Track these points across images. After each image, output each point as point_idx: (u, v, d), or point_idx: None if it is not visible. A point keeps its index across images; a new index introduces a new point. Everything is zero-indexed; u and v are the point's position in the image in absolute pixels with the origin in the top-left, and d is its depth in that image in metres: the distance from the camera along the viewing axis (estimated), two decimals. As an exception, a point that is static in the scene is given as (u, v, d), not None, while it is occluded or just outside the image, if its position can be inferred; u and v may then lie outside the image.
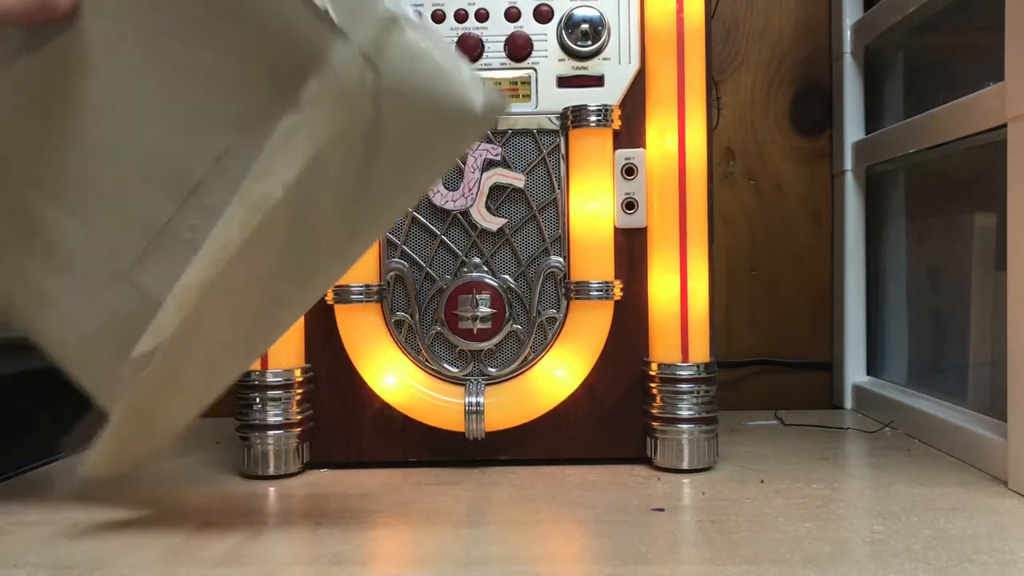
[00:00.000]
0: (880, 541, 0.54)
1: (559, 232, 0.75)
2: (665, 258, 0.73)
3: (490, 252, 0.75)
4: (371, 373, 0.74)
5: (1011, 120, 0.64)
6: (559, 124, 0.74)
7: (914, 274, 0.96)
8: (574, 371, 0.74)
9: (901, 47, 0.98)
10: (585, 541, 0.57)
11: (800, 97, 1.07)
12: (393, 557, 0.55)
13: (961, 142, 0.77)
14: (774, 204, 1.07)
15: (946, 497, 0.64)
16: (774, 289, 1.07)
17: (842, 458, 0.78)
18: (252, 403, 0.72)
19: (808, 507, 0.62)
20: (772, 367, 1.07)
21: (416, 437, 0.75)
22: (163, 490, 0.70)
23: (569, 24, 0.74)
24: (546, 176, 0.75)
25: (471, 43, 0.74)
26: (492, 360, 0.75)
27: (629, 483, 0.69)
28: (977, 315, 0.79)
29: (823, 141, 1.07)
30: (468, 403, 0.73)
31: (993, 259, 0.77)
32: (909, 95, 0.97)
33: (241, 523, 0.60)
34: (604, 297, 0.73)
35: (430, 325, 0.75)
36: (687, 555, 0.53)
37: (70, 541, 0.57)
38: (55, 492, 0.53)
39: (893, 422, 0.88)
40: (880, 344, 1.02)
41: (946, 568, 0.49)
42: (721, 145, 1.07)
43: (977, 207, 0.80)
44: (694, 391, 0.72)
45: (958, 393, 0.82)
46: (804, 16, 1.07)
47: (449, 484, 0.70)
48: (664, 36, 0.73)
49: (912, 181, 0.96)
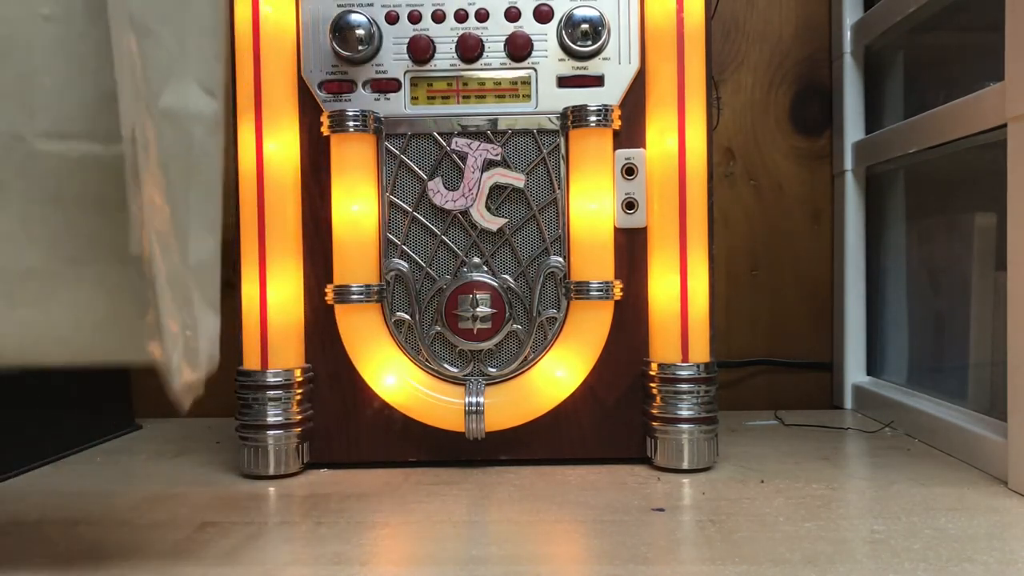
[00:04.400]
0: (880, 541, 0.54)
1: (559, 232, 0.75)
2: (665, 258, 0.73)
3: (490, 252, 0.75)
4: (371, 373, 0.74)
5: (1011, 120, 0.64)
6: (559, 124, 0.74)
7: (914, 274, 0.96)
8: (574, 371, 0.74)
9: (901, 47, 0.98)
10: (585, 541, 0.57)
11: (800, 97, 1.07)
12: (393, 557, 0.55)
13: (961, 142, 0.77)
14: (774, 204, 1.07)
15: (946, 497, 0.64)
16: (774, 289, 1.07)
17: (842, 458, 0.78)
18: (252, 403, 0.72)
19: (808, 507, 0.62)
20: (772, 367, 1.07)
21: (416, 437, 0.75)
22: (163, 490, 0.70)
23: (569, 24, 0.74)
24: (546, 176, 0.75)
25: (471, 43, 0.74)
26: (492, 360, 0.75)
27: (629, 483, 0.69)
28: (977, 315, 0.79)
29: (823, 141, 1.07)
30: (468, 403, 0.73)
31: (993, 259, 0.77)
32: (909, 95, 0.97)
33: (241, 523, 0.60)
34: (604, 297, 0.73)
35: (430, 325, 0.75)
36: (687, 555, 0.53)
37: (70, 541, 0.57)
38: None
39: (893, 422, 0.88)
40: (880, 344, 1.02)
41: (946, 568, 0.49)
42: (721, 145, 1.07)
43: (977, 207, 0.80)
44: (694, 391, 0.72)
45: (958, 393, 0.82)
46: (804, 16, 1.07)
47: (449, 484, 0.70)
48: (664, 36, 0.73)
49: (912, 181, 0.96)
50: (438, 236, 0.75)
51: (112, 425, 0.94)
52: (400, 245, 0.75)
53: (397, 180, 0.75)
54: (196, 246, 0.50)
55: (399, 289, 0.75)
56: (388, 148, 0.75)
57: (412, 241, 0.75)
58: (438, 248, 0.75)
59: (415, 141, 0.75)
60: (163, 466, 0.79)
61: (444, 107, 0.75)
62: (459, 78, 0.75)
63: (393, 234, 0.75)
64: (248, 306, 0.73)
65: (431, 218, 0.75)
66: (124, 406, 0.97)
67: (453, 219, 0.75)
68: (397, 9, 0.75)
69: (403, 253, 0.75)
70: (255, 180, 0.73)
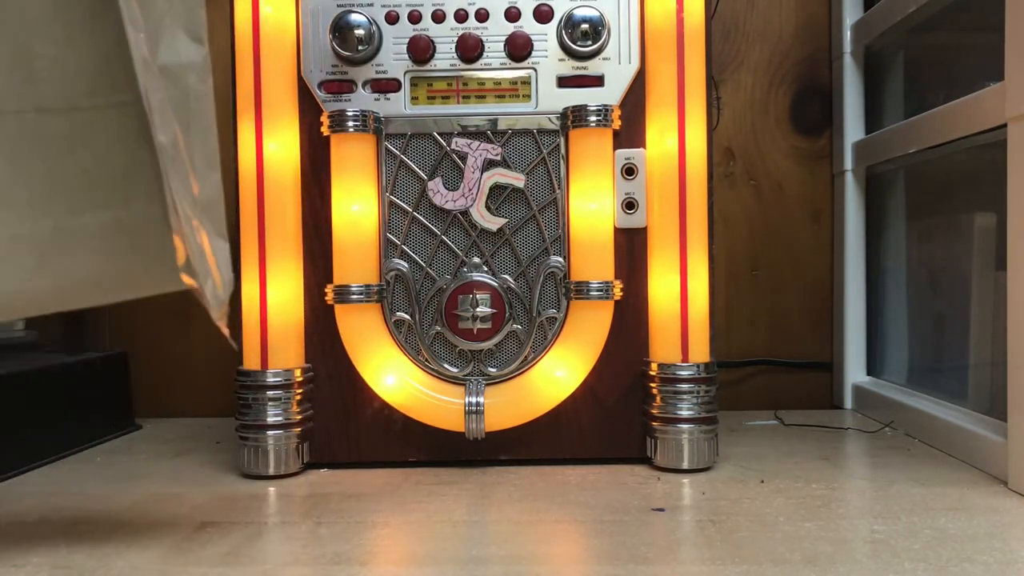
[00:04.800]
0: (880, 541, 0.54)
1: (559, 232, 0.75)
2: (665, 258, 0.73)
3: (490, 252, 0.75)
4: (371, 373, 0.74)
5: (1011, 120, 0.64)
6: (559, 124, 0.74)
7: (914, 274, 0.96)
8: (574, 371, 0.74)
9: (901, 47, 0.98)
10: (585, 541, 0.57)
11: (800, 97, 1.07)
12: (393, 557, 0.55)
13: (961, 142, 0.77)
14: (774, 204, 1.07)
15: (946, 497, 0.64)
16: (774, 289, 1.07)
17: (842, 458, 0.78)
18: (252, 403, 0.72)
19: (808, 507, 0.62)
20: (772, 367, 1.07)
21: (416, 437, 0.75)
22: (163, 490, 0.70)
23: (569, 24, 0.74)
24: (546, 176, 0.75)
25: (471, 43, 0.74)
26: (492, 360, 0.75)
27: (629, 483, 0.69)
28: (977, 315, 0.79)
29: (823, 141, 1.07)
30: (468, 403, 0.73)
31: (993, 259, 0.77)
32: (909, 95, 0.97)
33: (241, 523, 0.60)
34: (604, 297, 0.73)
35: (430, 325, 0.75)
36: (687, 555, 0.53)
37: (70, 541, 0.57)
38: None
39: (893, 422, 0.88)
40: (880, 344, 1.02)
41: (946, 568, 0.49)
42: (721, 145, 1.07)
43: (977, 207, 0.80)
44: (694, 391, 0.72)
45: (958, 393, 0.82)
46: (804, 16, 1.07)
47: (449, 484, 0.70)
48: (664, 36, 0.73)
49: (912, 181, 0.96)
50: (438, 236, 0.75)
51: (112, 425, 0.94)
52: (400, 245, 0.75)
53: (397, 180, 0.75)
54: (204, 183, 0.54)
55: (399, 289, 0.75)
56: (388, 148, 0.75)
57: (412, 241, 0.75)
58: (438, 248, 0.75)
59: (415, 141, 0.75)
60: (163, 466, 0.79)
61: (444, 107, 0.75)
62: (459, 78, 0.75)
63: (393, 234, 0.75)
64: (248, 306, 0.73)
65: (431, 218, 0.75)
66: (124, 406, 0.97)
67: (453, 219, 0.75)
68: (397, 9, 0.75)
69: (403, 253, 0.75)
70: (255, 180, 0.73)
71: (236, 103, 0.73)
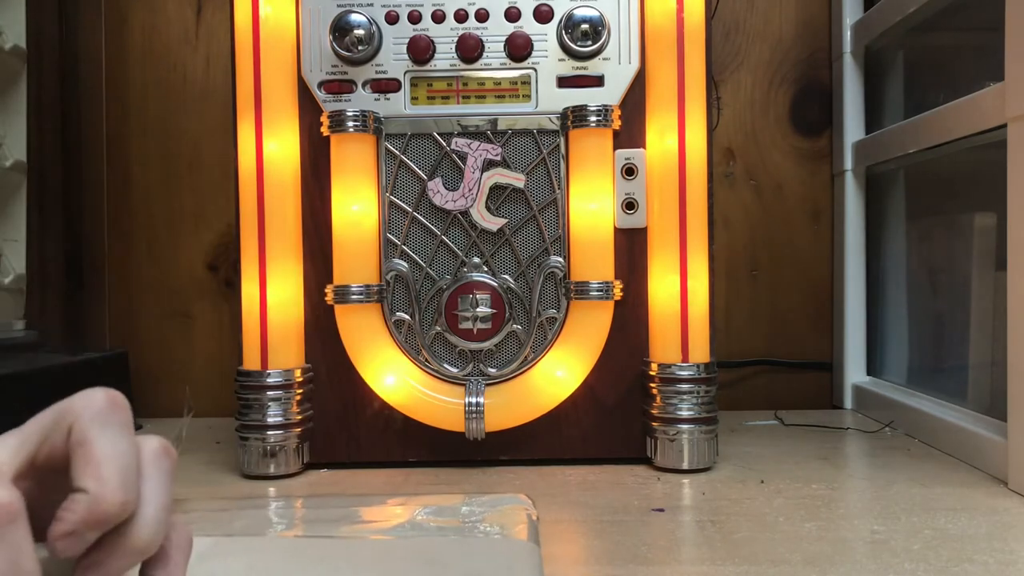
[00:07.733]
0: (880, 541, 0.54)
1: (559, 232, 0.75)
2: (665, 258, 0.73)
3: (490, 252, 0.75)
4: (371, 373, 0.74)
5: (1011, 120, 0.64)
6: (559, 124, 0.74)
7: (914, 274, 0.96)
8: (574, 371, 0.74)
9: (901, 47, 0.98)
10: (585, 541, 0.57)
11: (800, 97, 1.07)
12: (393, 557, 0.55)
13: (961, 142, 0.77)
14: (774, 204, 1.07)
15: (946, 497, 0.64)
16: (774, 289, 1.07)
17: (842, 458, 0.78)
18: (252, 403, 0.72)
19: (808, 507, 0.62)
20: (772, 367, 1.07)
21: (416, 437, 0.75)
22: (163, 490, 0.70)
23: (569, 24, 0.74)
24: (546, 176, 0.75)
25: (471, 43, 0.74)
26: (492, 360, 0.75)
27: (629, 483, 0.69)
28: (977, 315, 0.79)
29: (823, 141, 1.07)
30: (468, 403, 0.73)
31: (993, 259, 0.77)
32: (909, 95, 0.97)
33: (241, 523, 0.60)
34: (604, 297, 0.73)
35: (430, 325, 0.75)
36: (687, 555, 0.53)
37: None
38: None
39: (893, 422, 0.88)
40: (880, 344, 1.02)
41: (946, 568, 0.49)
42: (721, 145, 1.07)
43: (977, 207, 0.80)
44: (694, 391, 0.72)
45: (958, 393, 0.82)
46: (804, 16, 1.07)
47: (449, 484, 0.70)
48: (664, 36, 0.73)
49: (912, 181, 0.96)
50: (438, 236, 0.75)
51: (112, 425, 0.93)
52: (400, 245, 0.75)
53: (397, 180, 0.75)
54: None
55: (399, 289, 0.75)
56: (388, 148, 0.75)
57: (412, 241, 0.75)
58: (438, 248, 0.75)
59: (415, 141, 0.75)
60: (163, 466, 0.79)
61: (444, 107, 0.75)
62: (459, 78, 0.75)
63: (393, 234, 0.75)
64: (248, 306, 0.73)
65: (431, 218, 0.75)
66: (124, 406, 0.97)
67: (453, 219, 0.75)
68: (397, 9, 0.75)
69: (403, 253, 0.75)
70: (255, 180, 0.73)
71: (236, 103, 0.73)
